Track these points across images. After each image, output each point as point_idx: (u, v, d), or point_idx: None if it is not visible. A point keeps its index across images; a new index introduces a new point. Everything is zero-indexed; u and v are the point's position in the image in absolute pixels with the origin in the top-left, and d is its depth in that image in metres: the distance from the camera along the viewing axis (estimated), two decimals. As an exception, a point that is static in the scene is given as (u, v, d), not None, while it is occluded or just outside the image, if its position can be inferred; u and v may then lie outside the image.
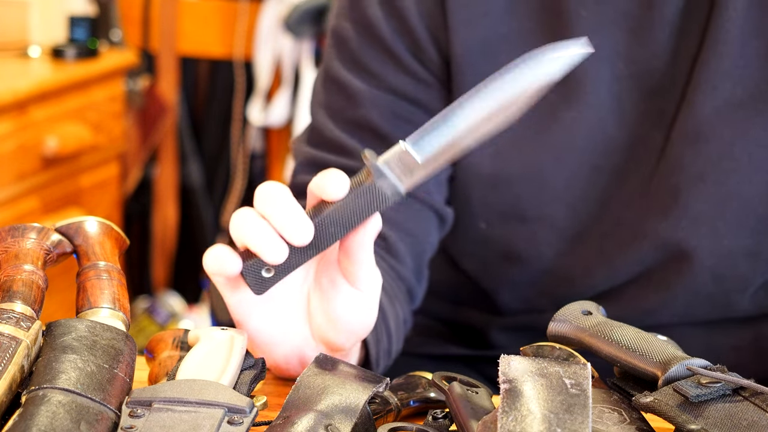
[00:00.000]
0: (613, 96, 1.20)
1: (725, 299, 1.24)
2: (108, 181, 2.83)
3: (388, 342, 1.15)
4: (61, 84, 2.62)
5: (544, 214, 1.24)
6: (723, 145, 1.18)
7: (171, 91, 3.12)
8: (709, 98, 1.17)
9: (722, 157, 1.18)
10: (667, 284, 1.23)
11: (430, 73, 1.23)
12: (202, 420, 0.85)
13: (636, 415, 0.91)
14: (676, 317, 1.26)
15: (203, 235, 3.20)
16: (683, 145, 1.19)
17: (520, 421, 0.81)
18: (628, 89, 1.20)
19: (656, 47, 1.19)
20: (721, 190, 1.19)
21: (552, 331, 1.00)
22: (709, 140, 1.18)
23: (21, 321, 0.91)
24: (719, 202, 1.19)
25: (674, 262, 1.22)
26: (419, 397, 1.02)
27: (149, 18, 3.10)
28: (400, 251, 1.22)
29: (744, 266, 1.22)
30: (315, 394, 0.90)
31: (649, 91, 1.20)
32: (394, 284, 1.20)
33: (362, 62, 1.23)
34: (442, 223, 1.27)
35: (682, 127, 1.19)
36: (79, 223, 1.04)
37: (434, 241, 1.27)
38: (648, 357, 0.94)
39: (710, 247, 1.20)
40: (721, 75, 1.17)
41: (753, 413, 0.88)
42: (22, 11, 2.74)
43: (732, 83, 1.17)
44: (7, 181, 2.46)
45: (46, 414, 0.83)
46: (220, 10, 3.06)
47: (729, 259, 1.21)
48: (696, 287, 1.23)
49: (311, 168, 1.23)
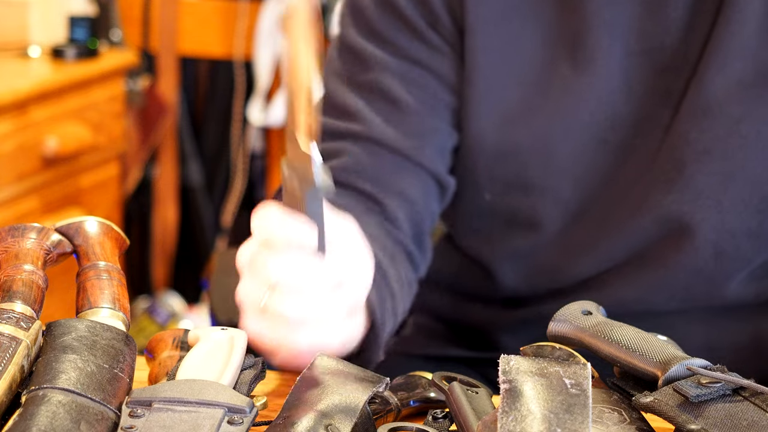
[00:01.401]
0: (623, 70, 1.21)
1: (725, 280, 1.24)
2: (108, 181, 2.83)
3: (392, 302, 1.15)
4: (61, 84, 2.62)
5: (548, 185, 1.24)
6: (731, 122, 1.19)
7: (171, 91, 3.12)
8: (719, 75, 1.18)
9: (730, 133, 1.19)
10: (666, 262, 1.23)
11: (444, 41, 1.24)
12: (202, 420, 0.85)
13: (636, 415, 0.91)
14: (674, 301, 1.25)
15: (203, 235, 3.20)
16: (691, 121, 1.19)
17: (520, 421, 0.81)
18: (639, 65, 1.21)
19: (669, 24, 1.20)
20: (727, 165, 1.19)
21: (552, 331, 1.00)
22: (717, 116, 1.19)
23: (21, 321, 0.91)
24: (724, 177, 1.20)
25: (675, 238, 1.22)
26: (419, 397, 1.02)
27: (149, 18, 3.10)
28: (398, 218, 1.22)
29: (745, 245, 1.22)
30: (315, 394, 0.90)
31: (660, 68, 1.21)
32: (394, 248, 1.20)
33: (377, 30, 1.24)
34: (443, 192, 1.27)
35: (690, 102, 1.19)
36: (79, 223, 1.04)
37: (434, 210, 1.27)
38: (648, 357, 0.94)
39: (713, 223, 1.21)
40: (733, 53, 1.18)
41: (753, 413, 0.88)
42: (22, 11, 2.74)
43: (743, 62, 1.18)
44: (7, 181, 2.46)
45: (46, 414, 0.83)
46: (220, 10, 3.06)
47: (731, 237, 1.21)
48: (696, 265, 1.23)
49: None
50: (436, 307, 1.41)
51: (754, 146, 1.19)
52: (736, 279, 1.24)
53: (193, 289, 3.21)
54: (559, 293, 1.28)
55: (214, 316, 1.47)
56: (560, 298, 1.26)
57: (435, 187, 1.26)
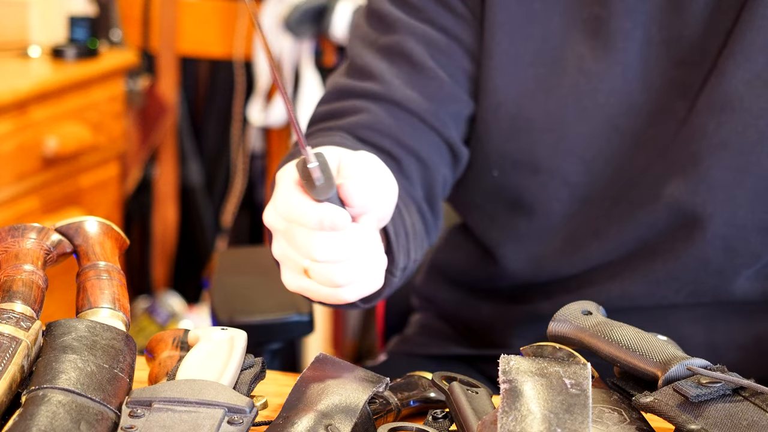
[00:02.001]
0: (642, 60, 1.22)
1: (733, 275, 1.24)
2: (108, 181, 2.83)
3: (406, 240, 1.15)
4: (61, 84, 2.62)
5: (558, 166, 1.25)
6: (749, 117, 1.19)
7: (171, 91, 3.12)
8: (740, 70, 1.19)
9: (747, 127, 1.19)
10: (676, 253, 1.23)
11: (469, 10, 1.26)
12: (202, 420, 0.85)
13: (636, 415, 0.91)
14: (681, 295, 1.25)
15: (203, 235, 3.20)
16: (709, 114, 1.20)
17: (520, 421, 0.81)
18: (658, 55, 1.22)
19: (691, 17, 1.21)
20: (743, 160, 1.20)
21: (552, 331, 1.00)
22: (735, 111, 1.19)
23: (21, 321, 0.91)
24: (739, 171, 1.20)
25: (686, 229, 1.23)
26: (419, 397, 1.02)
27: (149, 18, 3.09)
28: (412, 176, 1.23)
29: (756, 240, 1.22)
30: (315, 394, 0.90)
31: (679, 60, 1.21)
32: (408, 201, 1.21)
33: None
34: (456, 161, 1.28)
35: (709, 96, 1.20)
36: (79, 223, 1.04)
37: (447, 176, 1.27)
38: (648, 357, 0.94)
39: (725, 217, 1.21)
40: (756, 48, 1.18)
41: (753, 413, 0.88)
42: (22, 11, 2.74)
43: (765, 57, 1.18)
44: (7, 181, 2.46)
45: (46, 414, 0.83)
46: (220, 10, 3.06)
47: (742, 231, 1.22)
48: (706, 258, 1.23)
49: (335, 96, 1.27)
50: (441, 303, 1.41)
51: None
52: (744, 275, 1.24)
53: (193, 289, 3.21)
54: (565, 286, 1.28)
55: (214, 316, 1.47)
56: (566, 293, 1.26)
57: (448, 154, 1.26)
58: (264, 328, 1.45)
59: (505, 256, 1.31)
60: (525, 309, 1.32)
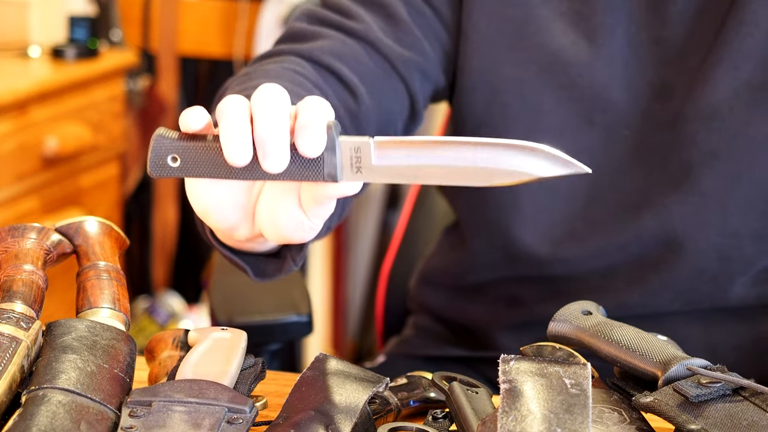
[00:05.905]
0: (623, 57, 1.21)
1: (728, 282, 1.23)
2: (108, 181, 2.83)
3: None
4: (61, 84, 2.62)
5: None
6: (739, 125, 1.19)
7: (171, 91, 3.12)
8: (728, 77, 1.18)
9: (737, 135, 1.19)
10: (668, 264, 1.23)
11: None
12: (202, 420, 0.85)
13: (636, 415, 0.91)
14: (677, 303, 1.25)
15: (203, 235, 3.20)
16: (698, 121, 1.19)
17: (520, 421, 0.81)
18: (639, 55, 1.21)
19: (670, 18, 1.20)
20: (733, 168, 1.19)
21: (552, 331, 1.00)
22: (725, 118, 1.19)
23: (21, 321, 0.91)
24: (730, 180, 1.19)
25: (678, 240, 1.22)
26: (419, 397, 1.02)
27: (149, 18, 3.09)
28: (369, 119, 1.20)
29: (749, 248, 1.21)
30: (315, 394, 0.90)
31: (660, 61, 1.21)
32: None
33: None
34: (412, 119, 1.26)
35: (697, 103, 1.19)
36: (79, 223, 1.04)
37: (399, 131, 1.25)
38: (648, 357, 0.94)
39: (717, 225, 1.20)
40: (744, 55, 1.18)
41: (753, 413, 0.88)
42: (22, 11, 2.74)
43: (753, 65, 1.18)
44: (7, 181, 2.46)
45: (46, 414, 0.83)
46: (220, 10, 3.06)
47: (735, 239, 1.21)
48: (700, 267, 1.22)
49: (307, 18, 1.25)
50: (436, 307, 1.40)
51: (761, 149, 1.19)
52: (739, 282, 1.24)
53: (193, 289, 3.21)
54: (557, 294, 1.27)
55: (214, 316, 1.47)
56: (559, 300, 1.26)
57: (408, 109, 1.26)
58: (263, 329, 1.44)
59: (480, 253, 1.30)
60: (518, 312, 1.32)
